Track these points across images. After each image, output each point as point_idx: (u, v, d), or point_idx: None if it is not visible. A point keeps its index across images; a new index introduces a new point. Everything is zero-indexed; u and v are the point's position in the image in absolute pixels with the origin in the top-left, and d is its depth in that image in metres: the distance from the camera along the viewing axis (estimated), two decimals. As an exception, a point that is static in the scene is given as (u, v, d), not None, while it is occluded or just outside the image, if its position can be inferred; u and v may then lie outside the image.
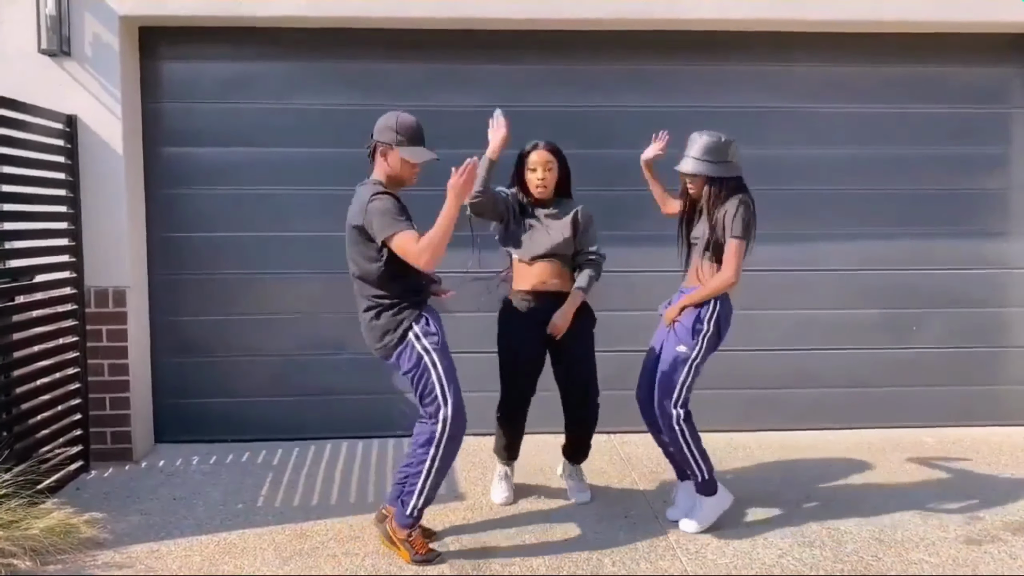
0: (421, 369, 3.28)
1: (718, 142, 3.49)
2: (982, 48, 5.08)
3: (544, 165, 3.69)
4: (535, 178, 3.71)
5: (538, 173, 3.70)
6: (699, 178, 3.52)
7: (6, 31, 4.36)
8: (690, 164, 3.51)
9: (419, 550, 3.32)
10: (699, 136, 3.53)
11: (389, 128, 3.29)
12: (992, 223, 5.20)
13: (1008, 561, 3.36)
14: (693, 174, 3.52)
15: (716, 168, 3.49)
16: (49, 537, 3.30)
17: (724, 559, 3.38)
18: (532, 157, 3.71)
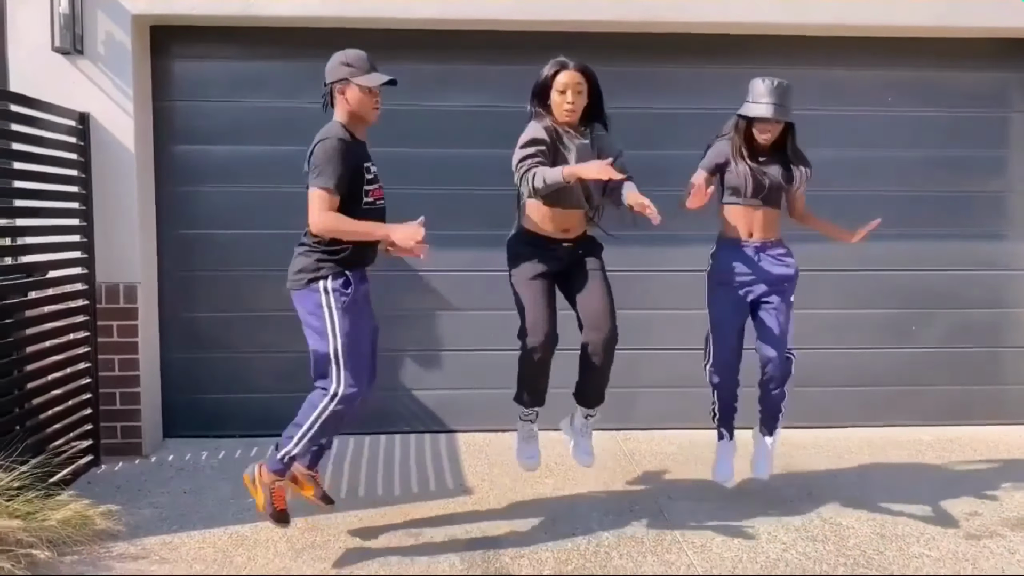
0: (317, 324, 3.23)
1: (789, 86, 3.54)
2: (981, 53, 5.15)
3: (574, 87, 3.37)
4: (564, 101, 3.38)
5: (567, 96, 3.37)
6: (778, 124, 3.56)
7: (21, 30, 4.41)
8: (777, 110, 3.50)
9: (276, 503, 3.34)
10: (770, 81, 3.51)
11: (340, 64, 3.30)
12: (990, 225, 5.28)
13: (1007, 556, 3.43)
14: (779, 119, 3.53)
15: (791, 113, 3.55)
16: (66, 528, 3.36)
17: (730, 552, 3.45)
18: (560, 78, 3.37)
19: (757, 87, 3.56)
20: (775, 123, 3.55)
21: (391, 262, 4.99)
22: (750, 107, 3.56)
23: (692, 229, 5.15)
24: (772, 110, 3.49)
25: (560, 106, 3.39)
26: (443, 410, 5.12)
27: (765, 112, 3.50)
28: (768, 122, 3.54)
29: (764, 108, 3.50)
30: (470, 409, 5.10)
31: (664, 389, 5.17)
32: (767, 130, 3.57)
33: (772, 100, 3.50)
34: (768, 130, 3.57)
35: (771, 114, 3.50)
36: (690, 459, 4.67)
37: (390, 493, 4.14)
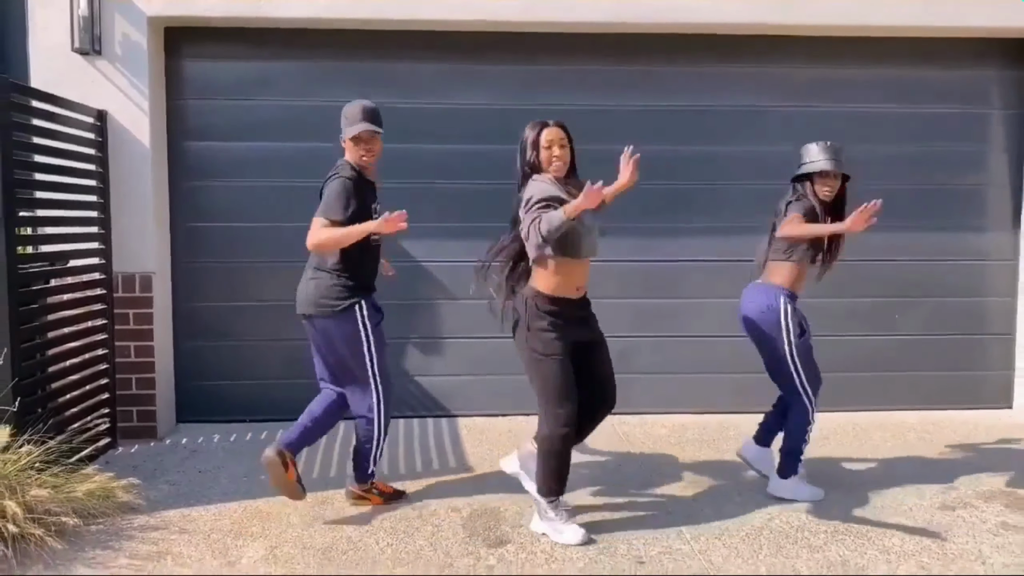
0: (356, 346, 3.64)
1: (841, 146, 3.87)
2: (962, 52, 5.38)
3: (559, 142, 3.53)
4: (551, 155, 3.52)
5: (554, 151, 3.52)
6: (837, 179, 3.86)
7: (42, 31, 4.62)
8: (840, 164, 3.82)
9: (385, 490, 3.91)
10: (822, 143, 3.83)
11: (342, 116, 3.66)
12: (971, 217, 5.49)
13: (978, 524, 3.63)
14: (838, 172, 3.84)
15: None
16: (91, 500, 3.55)
17: (717, 521, 3.65)
18: (545, 135, 3.52)
19: (812, 149, 3.87)
20: (834, 177, 3.84)
21: (396, 253, 5.22)
22: (812, 165, 3.84)
23: (684, 222, 5.40)
24: (833, 164, 3.80)
25: (549, 161, 3.52)
26: (445, 395, 5.33)
27: (828, 165, 3.80)
28: (830, 176, 3.83)
29: (826, 163, 3.80)
30: (471, 394, 5.30)
31: (657, 375, 5.38)
32: (830, 185, 3.85)
33: (830, 156, 3.81)
34: (831, 185, 3.85)
35: (833, 167, 3.80)
36: (682, 441, 4.87)
37: (395, 472, 4.34)
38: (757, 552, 3.35)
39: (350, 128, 3.61)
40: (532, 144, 3.54)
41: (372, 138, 3.64)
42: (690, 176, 5.32)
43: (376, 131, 3.63)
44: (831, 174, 3.82)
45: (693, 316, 5.40)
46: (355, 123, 3.60)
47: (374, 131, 3.62)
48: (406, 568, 3.21)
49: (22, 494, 3.31)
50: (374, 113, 3.65)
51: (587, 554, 3.33)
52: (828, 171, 3.81)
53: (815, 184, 3.84)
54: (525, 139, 3.57)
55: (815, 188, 3.84)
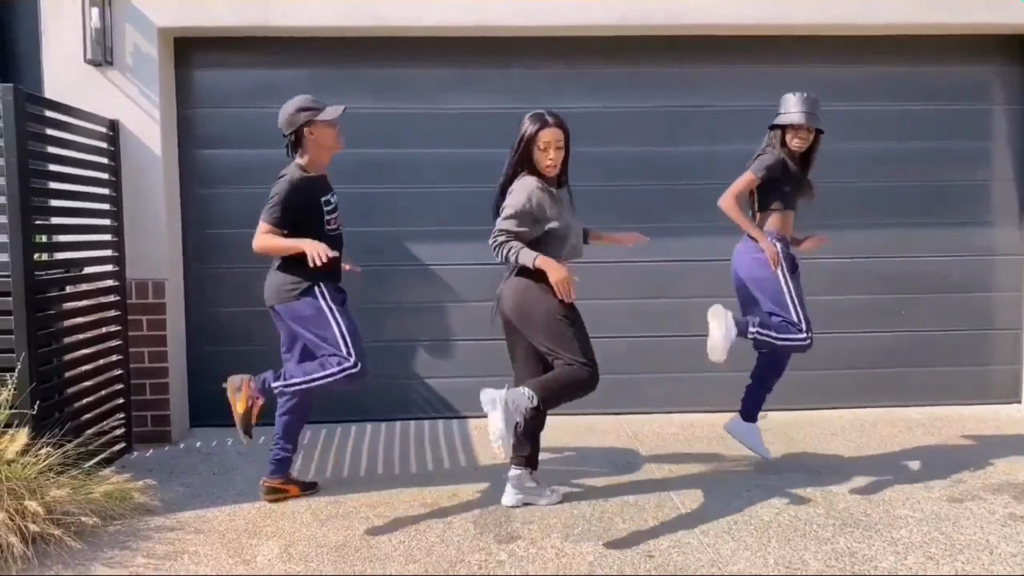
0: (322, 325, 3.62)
1: (816, 98, 4.00)
2: (965, 49, 5.41)
3: (555, 144, 3.51)
4: (546, 158, 3.51)
5: (549, 153, 3.51)
6: (810, 132, 4.01)
7: (55, 43, 4.71)
8: (810, 118, 3.95)
9: (246, 416, 3.81)
10: (799, 94, 3.97)
11: (299, 110, 3.66)
12: (976, 213, 5.52)
13: (986, 515, 3.65)
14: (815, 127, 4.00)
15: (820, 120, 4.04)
16: (109, 501, 3.61)
17: (725, 516, 3.68)
18: (544, 135, 3.49)
19: (789, 100, 4.01)
20: (807, 130, 4.00)
21: (404, 257, 5.28)
22: (785, 117, 4.00)
23: (687, 221, 5.44)
24: (806, 117, 3.96)
25: (543, 163, 3.52)
26: (455, 397, 5.38)
27: (800, 119, 3.95)
28: (802, 129, 3.98)
29: (799, 116, 3.96)
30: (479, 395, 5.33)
31: (663, 374, 5.42)
32: (802, 137, 4.00)
33: (804, 109, 3.96)
34: (803, 137, 4.00)
35: (806, 121, 3.96)
36: (690, 439, 4.91)
37: (406, 472, 4.39)
38: (766, 545, 3.38)
39: (330, 109, 3.67)
40: (529, 139, 3.52)
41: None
42: (692, 176, 5.36)
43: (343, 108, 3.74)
44: (804, 127, 3.97)
45: (698, 315, 5.40)
46: (323, 108, 3.67)
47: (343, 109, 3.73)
48: (418, 564, 3.25)
49: (41, 495, 3.38)
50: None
51: (597, 548, 3.37)
52: (801, 124, 3.96)
53: (787, 135, 4.00)
54: (524, 132, 3.55)
55: (787, 139, 4.00)
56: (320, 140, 3.69)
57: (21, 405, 3.72)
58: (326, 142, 3.71)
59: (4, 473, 3.37)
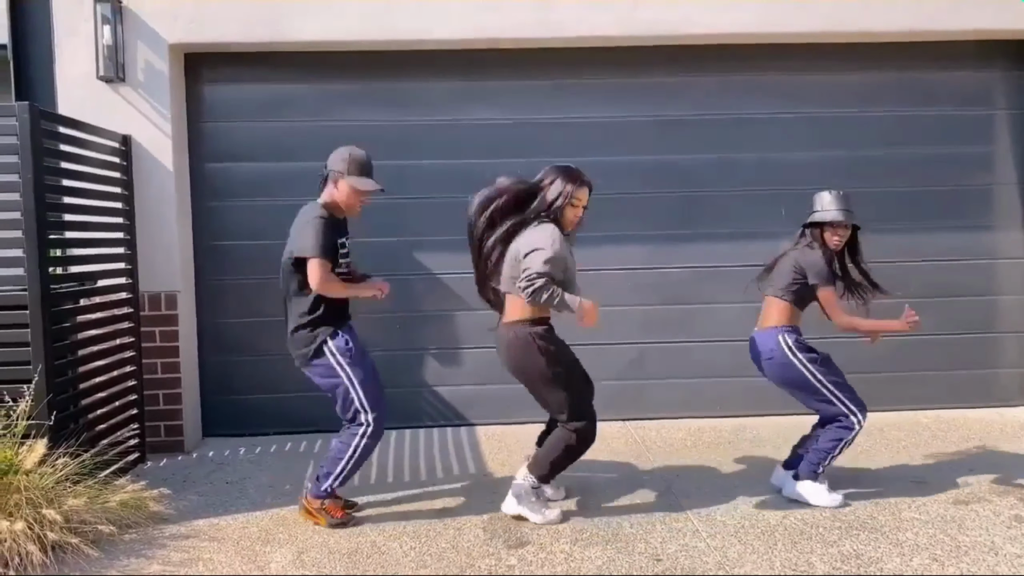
0: (336, 381, 3.69)
1: (849, 194, 3.96)
2: (968, 54, 5.45)
3: (584, 202, 3.74)
4: (575, 214, 3.73)
5: (578, 211, 3.73)
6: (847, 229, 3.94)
7: (68, 61, 4.80)
8: (851, 216, 3.91)
9: (334, 514, 3.77)
10: (834, 192, 3.94)
11: (342, 159, 3.72)
12: (980, 217, 5.55)
13: (992, 517, 3.68)
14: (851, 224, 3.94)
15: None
16: (124, 510, 3.68)
17: (732, 520, 3.72)
18: (581, 194, 3.69)
19: (824, 198, 3.96)
20: (844, 227, 3.93)
21: (414, 267, 5.35)
22: (822, 215, 3.94)
23: (695, 228, 5.49)
24: (844, 215, 3.90)
25: (573, 220, 3.73)
26: (463, 405, 5.43)
27: (839, 217, 3.90)
28: (840, 226, 3.92)
29: (836, 214, 3.90)
30: (488, 403, 5.40)
31: (672, 380, 5.46)
32: (840, 235, 3.94)
33: (841, 206, 3.91)
34: (840, 235, 3.93)
35: (844, 219, 3.90)
36: (697, 444, 4.94)
37: (416, 479, 4.44)
38: (772, 548, 3.42)
39: (363, 180, 3.71)
40: (566, 196, 3.66)
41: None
42: (700, 184, 5.42)
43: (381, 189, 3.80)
44: (842, 224, 3.91)
45: (706, 321, 5.48)
46: (363, 175, 3.72)
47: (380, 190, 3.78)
48: (429, 570, 3.30)
49: (59, 504, 3.44)
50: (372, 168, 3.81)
51: (605, 552, 3.41)
52: (839, 222, 3.90)
53: (825, 232, 3.93)
54: (563, 188, 3.66)
55: (825, 236, 3.93)
56: (344, 196, 3.73)
57: (38, 416, 3.79)
58: (348, 201, 3.75)
59: (23, 483, 3.44)
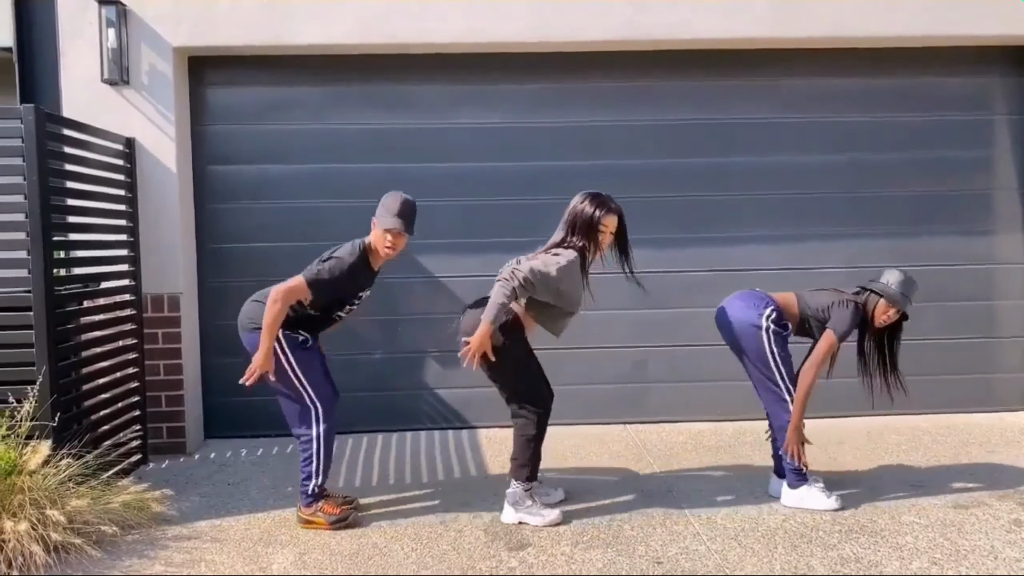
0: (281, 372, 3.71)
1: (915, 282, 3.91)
2: (966, 60, 5.48)
3: (612, 229, 3.74)
4: (604, 241, 3.74)
5: (606, 237, 3.74)
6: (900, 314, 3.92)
7: (73, 63, 4.82)
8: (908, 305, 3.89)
9: (331, 511, 3.78)
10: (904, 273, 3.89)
11: (381, 204, 3.71)
12: (979, 222, 5.57)
13: (991, 521, 3.69)
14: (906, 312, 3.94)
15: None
16: (127, 511, 3.69)
17: (733, 524, 3.74)
18: (610, 220, 3.70)
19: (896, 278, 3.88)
20: (897, 313, 3.89)
21: (414, 269, 5.36)
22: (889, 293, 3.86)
23: (695, 232, 5.51)
24: (906, 303, 3.87)
25: (604, 244, 3.74)
26: (465, 407, 5.44)
27: (903, 304, 3.86)
28: (895, 310, 3.88)
29: (902, 299, 3.85)
30: (490, 406, 5.38)
31: (672, 384, 5.47)
32: (891, 316, 3.89)
33: (907, 292, 3.86)
34: (891, 316, 3.89)
35: (905, 307, 3.88)
36: (698, 447, 4.96)
37: (418, 481, 4.45)
38: (772, 551, 3.43)
39: (385, 219, 3.65)
40: (596, 223, 3.67)
41: (399, 235, 3.67)
42: (700, 188, 5.44)
43: (404, 231, 3.67)
44: (898, 309, 3.87)
45: (707, 324, 5.46)
46: (391, 215, 3.64)
47: (402, 230, 3.65)
48: (430, 572, 3.31)
49: (62, 505, 3.46)
50: (411, 211, 3.69)
51: (606, 555, 3.42)
52: (900, 307, 3.87)
53: (878, 307, 3.87)
54: (593, 214, 3.66)
55: (876, 310, 3.88)
56: (375, 239, 3.72)
57: (42, 417, 3.81)
58: (374, 242, 3.72)
59: (27, 483, 3.46)
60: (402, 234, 3.67)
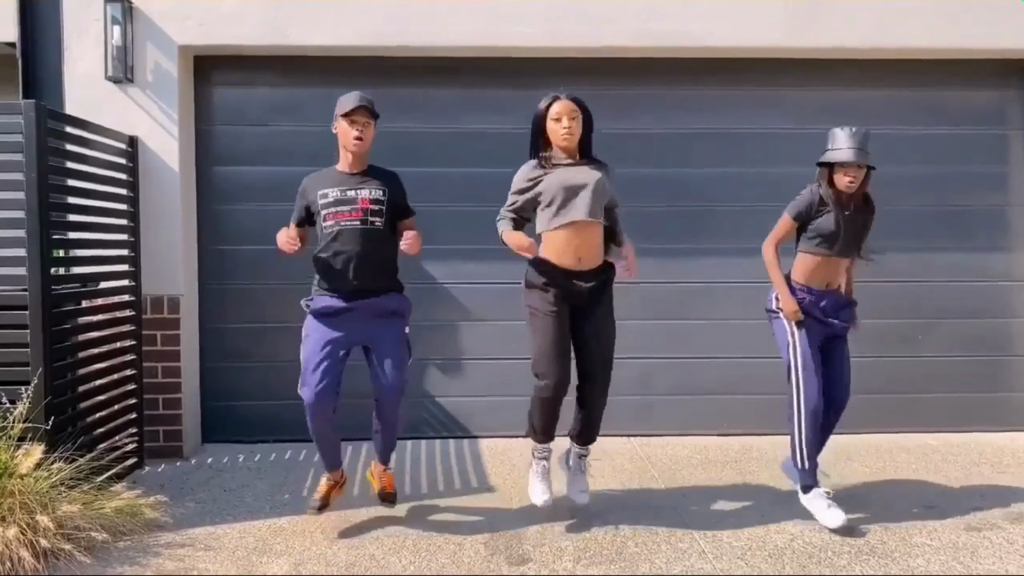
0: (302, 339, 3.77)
1: (868, 132, 3.69)
2: (981, 72, 5.40)
3: (568, 114, 3.58)
4: (560, 127, 3.59)
5: (563, 122, 3.57)
6: (861, 170, 3.69)
7: (77, 60, 4.77)
8: (859, 155, 3.63)
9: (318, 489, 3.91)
10: (848, 129, 3.68)
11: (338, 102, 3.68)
12: (993, 237, 5.48)
13: (1005, 545, 3.60)
14: (861, 163, 3.66)
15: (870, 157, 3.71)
16: (120, 517, 3.62)
17: (739, 542, 3.64)
18: (555, 107, 3.60)
19: (837, 135, 3.72)
20: (858, 168, 3.67)
21: (418, 276, 5.28)
22: (833, 154, 3.70)
23: (702, 243, 5.43)
24: (855, 154, 3.64)
25: (557, 132, 3.60)
26: (466, 416, 5.36)
27: (848, 157, 3.64)
28: (851, 167, 3.67)
29: (847, 153, 3.65)
30: (491, 415, 5.33)
31: (678, 397, 5.38)
32: (852, 176, 3.68)
33: (854, 145, 3.65)
34: (852, 176, 3.68)
35: (854, 158, 3.63)
36: (704, 462, 4.86)
37: (417, 491, 4.37)
38: (780, 571, 3.34)
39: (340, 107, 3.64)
40: (541, 117, 3.62)
41: (367, 122, 3.66)
42: (707, 198, 5.37)
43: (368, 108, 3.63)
44: (853, 164, 3.66)
45: (713, 337, 5.41)
46: (349, 101, 3.62)
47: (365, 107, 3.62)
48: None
49: (53, 510, 3.38)
50: (367, 99, 3.67)
51: (609, 572, 3.33)
52: (848, 162, 3.65)
53: (835, 174, 3.71)
54: (536, 113, 3.64)
55: (835, 178, 3.72)
56: (341, 137, 3.71)
57: (35, 419, 3.73)
58: (343, 139, 3.70)
59: (17, 487, 3.38)
60: (370, 122, 3.66)
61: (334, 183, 3.72)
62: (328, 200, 3.68)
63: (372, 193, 3.69)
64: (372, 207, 3.67)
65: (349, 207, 3.67)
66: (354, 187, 3.70)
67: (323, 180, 3.75)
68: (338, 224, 3.66)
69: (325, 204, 3.68)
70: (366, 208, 3.67)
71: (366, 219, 3.66)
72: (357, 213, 3.66)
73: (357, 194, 3.68)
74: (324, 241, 3.70)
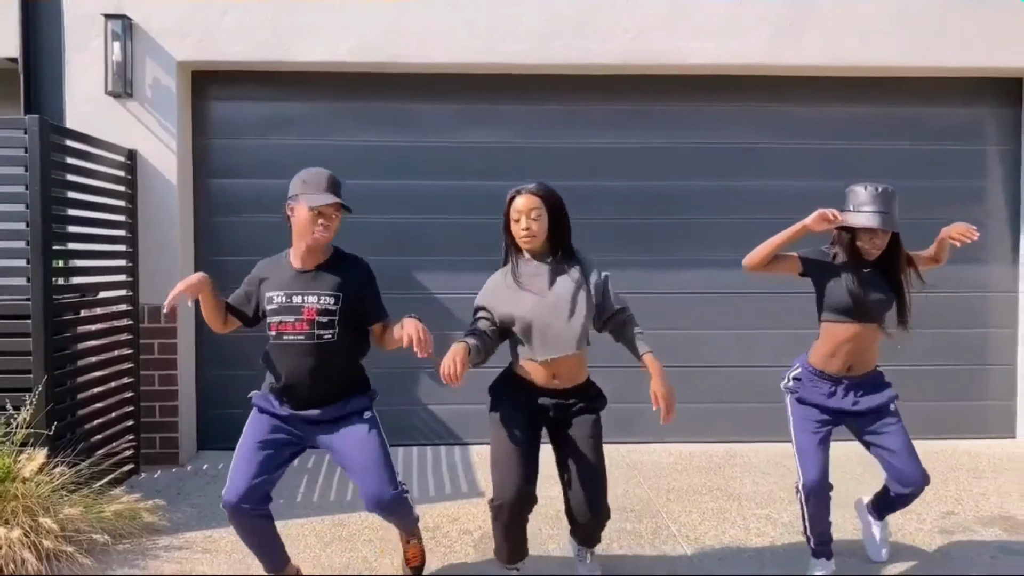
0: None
1: (893, 192, 3.18)
2: (959, 90, 5.57)
3: (528, 212, 3.02)
4: (519, 228, 3.05)
5: (522, 223, 3.04)
6: (886, 235, 3.18)
7: (77, 75, 4.89)
8: (889, 221, 3.11)
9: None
10: (871, 188, 3.17)
11: (298, 181, 3.05)
12: (972, 250, 5.55)
13: (977, 548, 3.73)
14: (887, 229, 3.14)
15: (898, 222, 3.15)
16: (119, 520, 3.72)
17: (720, 545, 3.76)
18: (515, 204, 3.05)
19: (859, 194, 3.19)
20: (883, 233, 3.16)
21: (411, 286, 5.39)
22: (854, 217, 3.15)
23: (688, 254, 5.56)
24: (880, 219, 3.09)
25: (518, 235, 3.07)
26: (457, 423, 5.47)
27: (872, 222, 3.09)
28: (876, 235, 3.15)
29: (870, 218, 3.10)
30: (482, 423, 5.40)
31: (664, 404, 5.49)
32: (876, 244, 3.18)
33: (878, 208, 3.11)
34: (876, 244, 3.18)
35: (879, 224, 3.09)
36: (688, 468, 4.98)
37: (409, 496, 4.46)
38: (759, 573, 3.46)
39: (312, 196, 2.99)
40: (505, 213, 3.09)
41: (337, 215, 3.07)
42: (693, 210, 5.50)
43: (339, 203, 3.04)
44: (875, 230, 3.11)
45: (698, 347, 5.54)
46: (319, 191, 3.00)
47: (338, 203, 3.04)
48: (420, 586, 3.34)
49: (55, 513, 3.48)
50: (338, 184, 3.09)
51: (594, 574, 3.44)
52: (871, 227, 3.10)
53: (857, 240, 3.20)
54: (504, 210, 3.10)
55: (857, 245, 3.21)
56: (297, 223, 3.06)
57: (38, 425, 3.83)
58: (300, 227, 3.05)
59: (20, 491, 3.48)
60: (339, 214, 3.06)
61: (281, 284, 3.09)
62: (273, 307, 3.08)
63: (321, 301, 3.03)
64: (320, 319, 3.02)
65: (294, 318, 3.03)
66: (301, 291, 3.05)
67: (273, 276, 3.14)
68: (281, 337, 3.07)
69: (271, 310, 3.09)
70: (312, 320, 3.02)
71: (312, 332, 3.03)
72: (302, 326, 3.02)
73: (304, 301, 3.03)
74: (271, 345, 3.16)
